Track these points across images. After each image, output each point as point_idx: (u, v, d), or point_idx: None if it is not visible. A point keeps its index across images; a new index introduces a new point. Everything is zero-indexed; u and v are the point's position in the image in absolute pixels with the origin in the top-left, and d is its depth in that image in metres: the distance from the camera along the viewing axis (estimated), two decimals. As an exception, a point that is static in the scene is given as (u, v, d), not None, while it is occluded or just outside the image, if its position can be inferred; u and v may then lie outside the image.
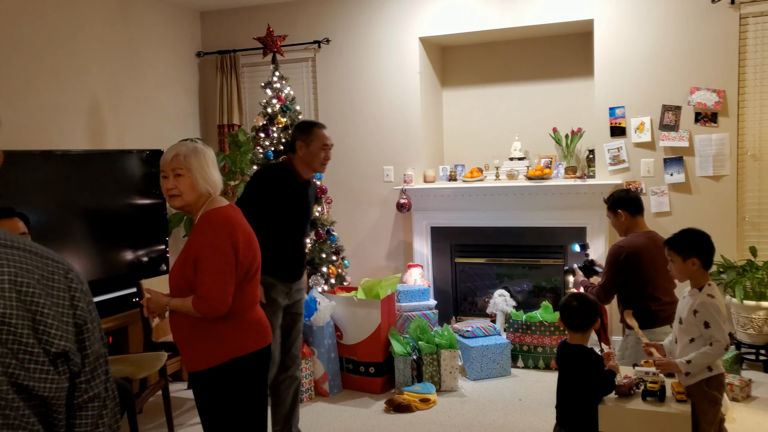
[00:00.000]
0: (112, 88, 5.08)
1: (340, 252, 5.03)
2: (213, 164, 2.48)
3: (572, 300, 2.78)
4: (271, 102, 4.98)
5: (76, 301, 1.09)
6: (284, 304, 3.38)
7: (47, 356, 1.02)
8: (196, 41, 6.12)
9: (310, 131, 3.39)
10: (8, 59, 4.19)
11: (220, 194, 2.51)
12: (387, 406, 4.15)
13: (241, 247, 2.39)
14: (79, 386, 1.09)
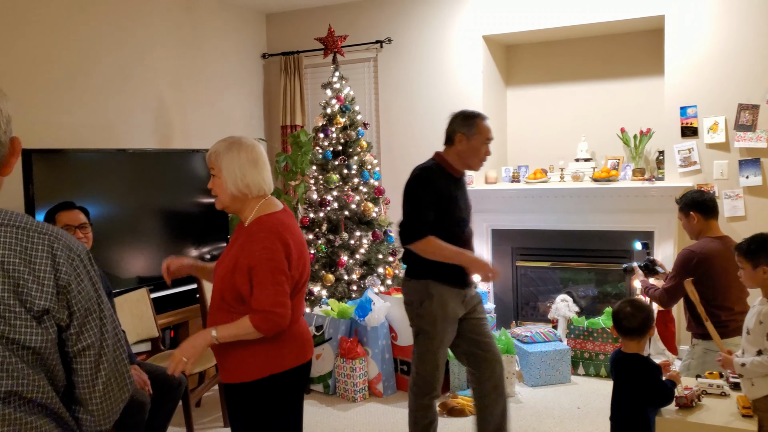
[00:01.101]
0: (179, 90, 5.23)
1: (397, 253, 5.01)
2: (251, 162, 2.26)
3: (625, 306, 2.66)
4: (330, 102, 5.01)
5: (57, 264, 1.27)
6: (461, 315, 3.08)
7: (29, 313, 1.22)
8: (261, 43, 6.23)
9: (472, 123, 3.10)
10: (82, 62, 4.37)
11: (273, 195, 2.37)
12: (440, 409, 4.09)
13: (294, 258, 2.23)
14: (69, 338, 1.29)
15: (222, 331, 2.17)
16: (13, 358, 1.21)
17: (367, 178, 4.98)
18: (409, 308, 3.14)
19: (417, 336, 3.10)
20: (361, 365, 4.33)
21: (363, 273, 4.86)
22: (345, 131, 4.96)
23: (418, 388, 3.13)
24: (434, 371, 3.09)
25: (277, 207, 2.32)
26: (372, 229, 4.94)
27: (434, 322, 3.01)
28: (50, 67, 4.15)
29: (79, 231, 3.12)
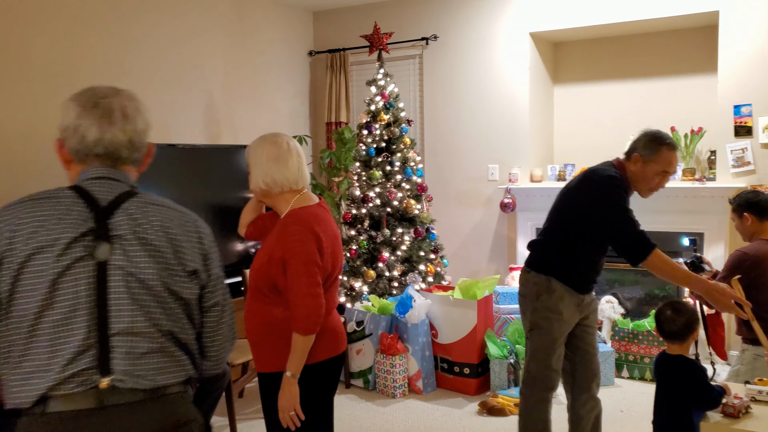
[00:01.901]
0: (228, 87, 5.32)
1: (439, 251, 5.00)
2: (273, 159, 2.31)
3: (666, 308, 2.60)
4: (374, 99, 5.03)
5: (201, 238, 1.63)
6: (576, 319, 2.95)
7: (185, 272, 1.56)
8: (308, 41, 6.29)
9: (655, 148, 2.80)
10: (135, 59, 4.48)
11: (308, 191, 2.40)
12: (480, 408, 4.08)
13: (326, 250, 2.27)
14: (205, 294, 1.62)
15: (291, 366, 2.21)
16: (173, 305, 1.53)
17: (410, 175, 4.99)
18: (524, 300, 2.98)
19: (530, 331, 2.95)
20: (401, 362, 4.34)
21: (404, 270, 4.87)
22: (389, 128, 4.97)
23: (526, 386, 2.99)
24: (546, 369, 2.91)
25: (311, 201, 2.36)
26: (414, 226, 4.93)
27: (549, 318, 2.87)
28: (108, 67, 4.27)
29: None
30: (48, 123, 3.89)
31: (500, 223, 5.59)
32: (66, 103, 1.58)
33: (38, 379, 1.40)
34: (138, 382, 1.44)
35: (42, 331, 1.41)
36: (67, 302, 1.41)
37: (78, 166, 1.57)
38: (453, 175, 5.73)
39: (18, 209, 1.47)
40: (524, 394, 3.01)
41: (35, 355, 1.41)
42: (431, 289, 4.75)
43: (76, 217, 1.46)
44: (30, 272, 1.41)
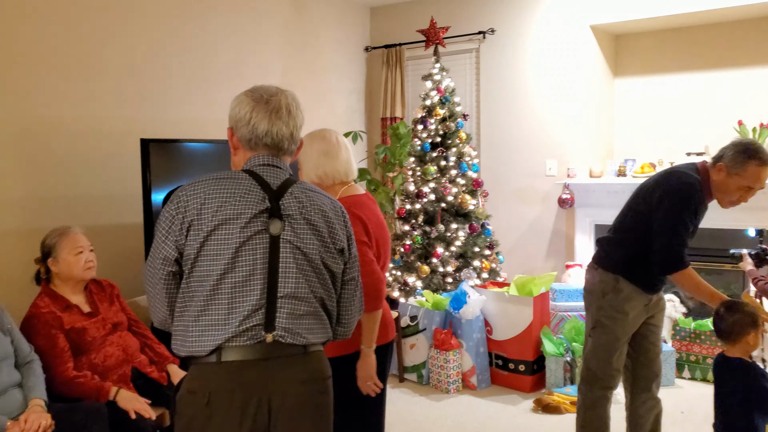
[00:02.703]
0: (285, 83, 5.34)
1: (494, 246, 4.96)
2: (325, 153, 2.42)
3: (720, 307, 2.52)
4: (430, 94, 5.02)
5: (346, 221, 1.88)
6: (642, 318, 2.89)
7: (335, 249, 1.81)
8: (364, 36, 6.32)
9: (742, 161, 2.66)
10: (195, 57, 4.59)
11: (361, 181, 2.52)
12: (535, 406, 4.03)
13: (372, 235, 2.37)
14: (346, 270, 1.86)
15: (366, 342, 2.34)
16: (326, 276, 1.78)
17: (465, 170, 4.96)
18: (589, 297, 2.96)
19: (593, 328, 2.91)
20: (455, 357, 4.33)
21: (458, 265, 4.85)
22: (444, 123, 4.96)
23: (585, 383, 2.96)
24: (606, 367, 2.87)
25: (358, 191, 2.47)
26: (469, 221, 4.91)
27: (614, 318, 2.83)
28: (167, 64, 4.39)
29: None
30: (114, 119, 4.04)
31: (558, 220, 5.50)
32: (240, 98, 1.83)
33: (216, 332, 1.63)
34: (295, 339, 1.68)
35: (223, 290, 1.64)
36: (246, 267, 1.65)
37: (246, 152, 1.82)
38: (509, 170, 5.67)
39: (205, 185, 1.72)
40: (583, 391, 2.98)
41: (215, 311, 1.63)
42: (486, 285, 4.72)
43: (254, 197, 1.70)
44: (216, 239, 1.65)
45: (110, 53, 4.02)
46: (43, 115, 3.69)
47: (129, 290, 3.59)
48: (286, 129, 1.81)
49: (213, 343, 1.62)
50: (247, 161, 1.81)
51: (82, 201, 3.87)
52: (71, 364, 2.73)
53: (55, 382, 2.69)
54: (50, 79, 3.71)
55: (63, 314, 2.79)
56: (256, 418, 1.63)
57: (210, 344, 1.62)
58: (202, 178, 1.75)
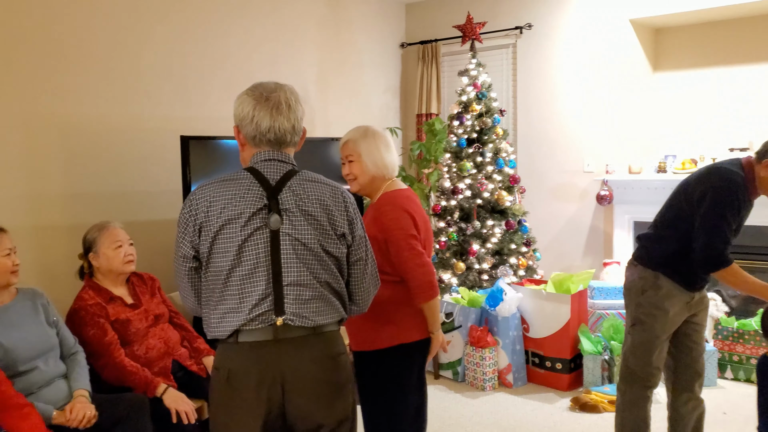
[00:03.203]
0: (321, 80, 5.43)
1: (531, 244, 4.91)
2: (385, 147, 2.51)
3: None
4: (466, 90, 4.99)
5: (347, 207, 1.95)
6: (683, 317, 2.81)
7: (336, 235, 1.91)
8: (400, 33, 6.31)
9: None
10: (231, 57, 4.65)
11: (398, 177, 2.56)
12: (573, 404, 3.99)
13: (420, 229, 2.44)
14: (351, 252, 1.96)
15: (432, 326, 2.46)
16: (328, 261, 1.88)
17: (501, 166, 4.92)
18: (628, 294, 2.90)
19: (632, 326, 2.86)
20: (491, 355, 4.31)
21: (495, 262, 4.82)
22: (480, 118, 4.93)
23: (624, 382, 2.90)
24: (645, 366, 2.82)
25: (401, 186, 2.53)
26: (506, 218, 4.87)
27: (653, 315, 2.77)
28: (205, 63, 4.45)
29: None
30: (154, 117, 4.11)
31: (596, 217, 5.43)
32: (242, 97, 1.94)
33: (232, 318, 1.81)
34: (303, 322, 1.82)
35: (233, 282, 1.80)
36: (250, 261, 1.80)
37: (252, 148, 1.94)
38: (547, 167, 5.62)
39: (211, 188, 1.86)
40: (622, 390, 2.93)
41: (229, 300, 1.81)
42: (523, 282, 4.68)
43: (253, 195, 1.83)
44: (223, 238, 1.80)
45: (150, 54, 4.09)
46: (86, 114, 3.77)
47: (169, 284, 3.65)
48: (287, 123, 1.92)
49: (230, 328, 1.80)
50: (252, 157, 1.93)
51: (123, 197, 3.95)
52: (123, 352, 2.79)
53: (108, 369, 2.74)
54: (93, 79, 3.79)
55: (107, 306, 2.85)
56: (270, 394, 1.80)
57: (228, 328, 1.81)
58: (210, 181, 1.90)
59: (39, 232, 3.56)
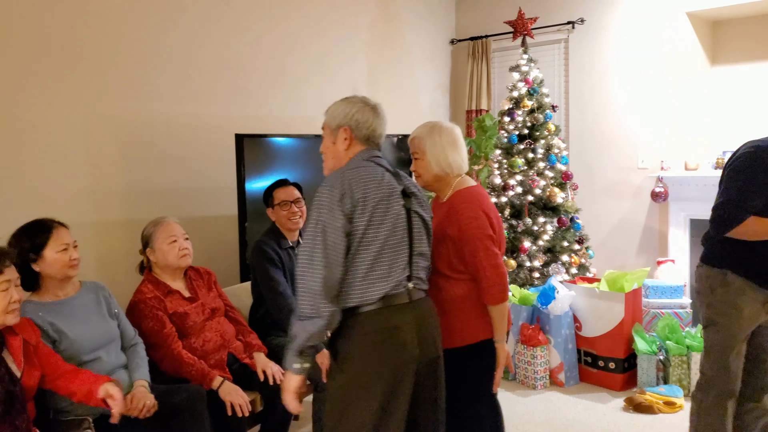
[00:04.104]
0: (371, 77, 5.45)
1: (584, 241, 4.84)
2: (451, 145, 2.48)
3: None
4: (517, 85, 4.94)
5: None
6: (760, 318, 2.62)
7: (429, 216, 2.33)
8: (450, 29, 6.29)
9: None
10: (283, 57, 4.71)
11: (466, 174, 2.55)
12: (626, 404, 3.92)
13: (495, 226, 2.42)
14: None
15: (497, 334, 2.46)
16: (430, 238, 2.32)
17: (553, 163, 4.86)
18: (698, 297, 2.75)
19: (705, 328, 2.70)
20: (543, 353, 4.27)
21: (546, 260, 4.76)
22: (532, 114, 4.88)
23: (700, 390, 2.72)
24: (721, 370, 2.63)
25: (472, 183, 2.51)
26: (558, 215, 4.81)
27: (727, 314, 2.59)
28: (258, 63, 4.52)
29: (294, 205, 3.35)
30: (209, 116, 4.20)
31: (650, 214, 5.31)
32: (357, 105, 2.25)
33: (381, 284, 2.08)
34: (422, 286, 2.23)
35: (386, 252, 2.10)
36: (399, 234, 2.14)
37: (358, 146, 2.23)
38: (600, 163, 5.52)
39: (354, 173, 2.13)
40: (697, 398, 2.73)
41: (378, 268, 2.09)
42: (575, 280, 4.62)
43: (390, 180, 2.17)
44: (378, 213, 2.09)
45: (205, 54, 4.18)
46: (145, 114, 3.88)
47: (224, 279, 3.73)
48: (383, 130, 2.29)
49: (380, 293, 2.07)
50: (361, 153, 2.22)
51: (180, 194, 4.05)
52: (181, 344, 2.86)
53: (166, 360, 2.82)
54: (150, 79, 3.89)
55: (165, 299, 2.93)
56: (418, 342, 2.12)
57: (377, 294, 2.07)
58: (348, 169, 2.16)
59: (100, 227, 3.68)
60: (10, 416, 2.11)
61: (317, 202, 2.09)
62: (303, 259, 2.05)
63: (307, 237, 2.06)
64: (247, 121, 4.38)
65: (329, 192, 2.08)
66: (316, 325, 2.00)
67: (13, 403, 2.12)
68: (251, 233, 3.80)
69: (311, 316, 2.00)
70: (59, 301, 2.59)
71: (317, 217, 2.06)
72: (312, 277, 2.02)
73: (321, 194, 2.09)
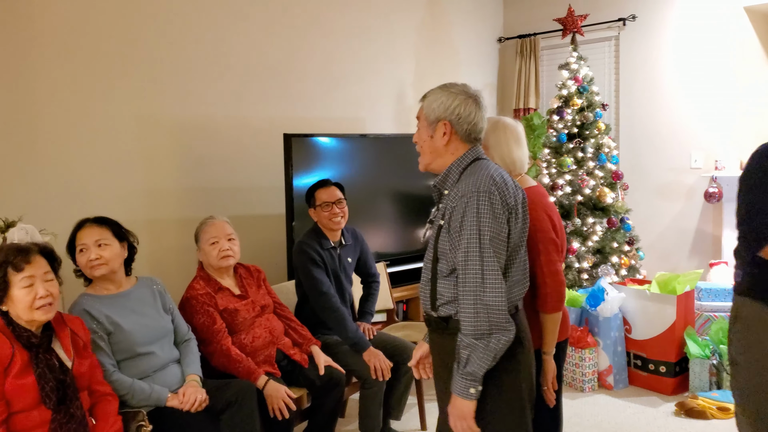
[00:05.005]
0: (418, 76, 5.45)
1: (634, 242, 4.75)
2: (516, 141, 2.40)
3: None
4: (566, 83, 4.88)
5: None
6: None
7: None
8: (497, 27, 6.25)
9: None
10: (330, 58, 4.74)
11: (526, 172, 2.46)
12: (678, 409, 3.83)
13: (557, 228, 2.34)
14: None
15: (545, 345, 2.33)
16: None
17: (603, 162, 4.78)
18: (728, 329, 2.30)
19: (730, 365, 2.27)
20: (591, 355, 4.20)
21: (595, 261, 4.69)
22: (581, 113, 4.80)
23: None
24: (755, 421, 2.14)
25: (533, 183, 2.42)
26: (607, 215, 4.73)
27: (744, 352, 2.15)
28: (305, 65, 4.57)
29: (335, 206, 3.36)
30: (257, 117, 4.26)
31: (703, 215, 5.18)
32: (459, 96, 2.02)
33: (518, 289, 2.02)
34: None
35: (521, 256, 2.01)
36: (525, 236, 2.05)
37: (460, 143, 2.03)
38: (651, 162, 5.41)
39: (501, 177, 1.98)
40: None
41: (515, 273, 1.99)
42: (625, 282, 4.54)
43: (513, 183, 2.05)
44: (520, 218, 2.00)
45: (254, 57, 4.24)
46: (196, 115, 3.96)
47: (272, 276, 3.78)
48: (484, 123, 2.08)
49: (517, 298, 2.01)
50: (473, 150, 2.04)
51: (229, 192, 4.12)
52: (231, 340, 2.92)
53: (215, 356, 2.87)
54: (201, 81, 3.97)
55: (216, 295, 2.98)
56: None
57: (515, 299, 2.01)
58: (488, 170, 1.98)
59: (153, 225, 3.77)
60: (64, 405, 2.18)
61: (474, 210, 1.88)
62: (471, 275, 1.87)
63: (470, 250, 1.87)
64: (294, 121, 4.44)
65: (488, 199, 1.89)
66: (501, 341, 1.86)
67: (66, 391, 2.19)
68: (298, 232, 3.84)
69: (492, 333, 1.85)
70: (116, 294, 2.66)
71: (480, 228, 1.87)
72: (488, 292, 1.86)
73: (478, 202, 1.89)
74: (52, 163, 3.37)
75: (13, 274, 2.18)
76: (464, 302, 1.87)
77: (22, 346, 2.17)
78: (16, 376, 2.11)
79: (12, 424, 2.11)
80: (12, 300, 2.17)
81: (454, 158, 2.02)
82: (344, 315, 3.24)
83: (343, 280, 3.43)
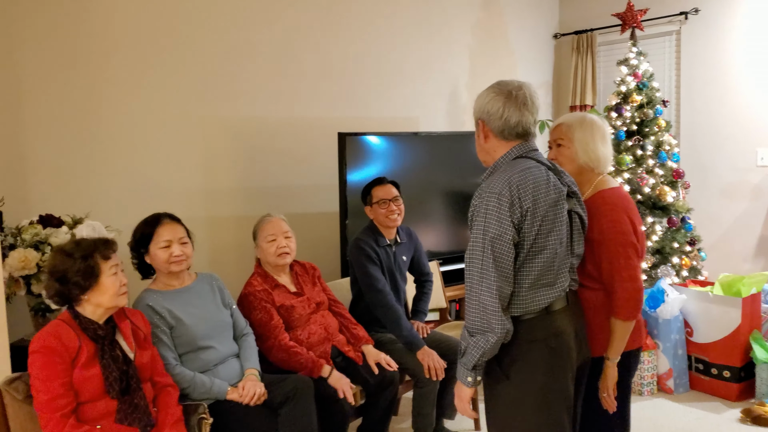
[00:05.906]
0: (472, 74, 5.41)
1: (696, 242, 4.61)
2: (602, 138, 2.34)
3: None
4: (625, 80, 4.77)
5: None
6: None
7: None
8: (553, 23, 6.15)
9: None
10: (384, 59, 4.74)
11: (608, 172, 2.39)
12: (743, 416, 3.70)
13: (638, 232, 2.25)
14: None
15: (611, 352, 2.25)
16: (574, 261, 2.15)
17: (664, 160, 4.65)
18: None
19: None
20: (650, 358, 4.10)
21: (655, 262, 4.57)
22: (641, 110, 4.68)
23: None
24: None
25: (615, 183, 2.36)
26: (668, 215, 4.60)
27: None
28: (360, 64, 4.58)
29: (392, 204, 3.37)
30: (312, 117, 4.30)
31: (770, 214, 4.99)
32: (489, 94, 2.04)
33: (547, 292, 1.98)
34: (575, 286, 2.13)
35: (557, 261, 1.99)
36: (565, 239, 2.03)
37: (498, 140, 2.05)
38: (713, 160, 5.24)
39: (524, 177, 1.96)
40: None
41: (546, 277, 1.98)
42: (686, 283, 4.40)
43: (555, 181, 2.02)
44: (548, 222, 1.96)
45: (309, 58, 4.28)
46: (254, 115, 4.02)
47: (326, 273, 3.81)
48: (531, 117, 2.03)
49: (546, 301, 1.98)
50: (516, 147, 2.03)
51: (285, 190, 4.17)
52: (288, 336, 2.95)
53: (274, 350, 2.91)
54: (258, 82, 4.03)
55: (273, 292, 3.02)
56: (579, 345, 2.08)
57: (544, 302, 1.98)
58: (511, 170, 1.98)
59: (212, 222, 3.85)
60: (128, 395, 2.25)
61: (484, 210, 1.93)
62: (473, 272, 1.93)
63: (474, 249, 1.93)
64: (349, 120, 4.46)
65: (497, 201, 1.91)
66: (489, 342, 1.89)
67: (129, 381, 2.26)
68: (351, 229, 3.86)
69: (483, 331, 1.90)
70: (177, 289, 2.73)
71: (485, 228, 1.91)
72: (484, 292, 1.90)
73: (488, 202, 1.93)
74: (117, 162, 3.47)
75: (102, 263, 2.26)
76: (467, 298, 1.96)
77: (89, 339, 2.24)
78: (82, 367, 2.18)
79: (80, 413, 2.19)
80: (99, 288, 2.25)
81: (497, 155, 2.06)
82: (399, 313, 3.24)
83: (398, 278, 3.43)
